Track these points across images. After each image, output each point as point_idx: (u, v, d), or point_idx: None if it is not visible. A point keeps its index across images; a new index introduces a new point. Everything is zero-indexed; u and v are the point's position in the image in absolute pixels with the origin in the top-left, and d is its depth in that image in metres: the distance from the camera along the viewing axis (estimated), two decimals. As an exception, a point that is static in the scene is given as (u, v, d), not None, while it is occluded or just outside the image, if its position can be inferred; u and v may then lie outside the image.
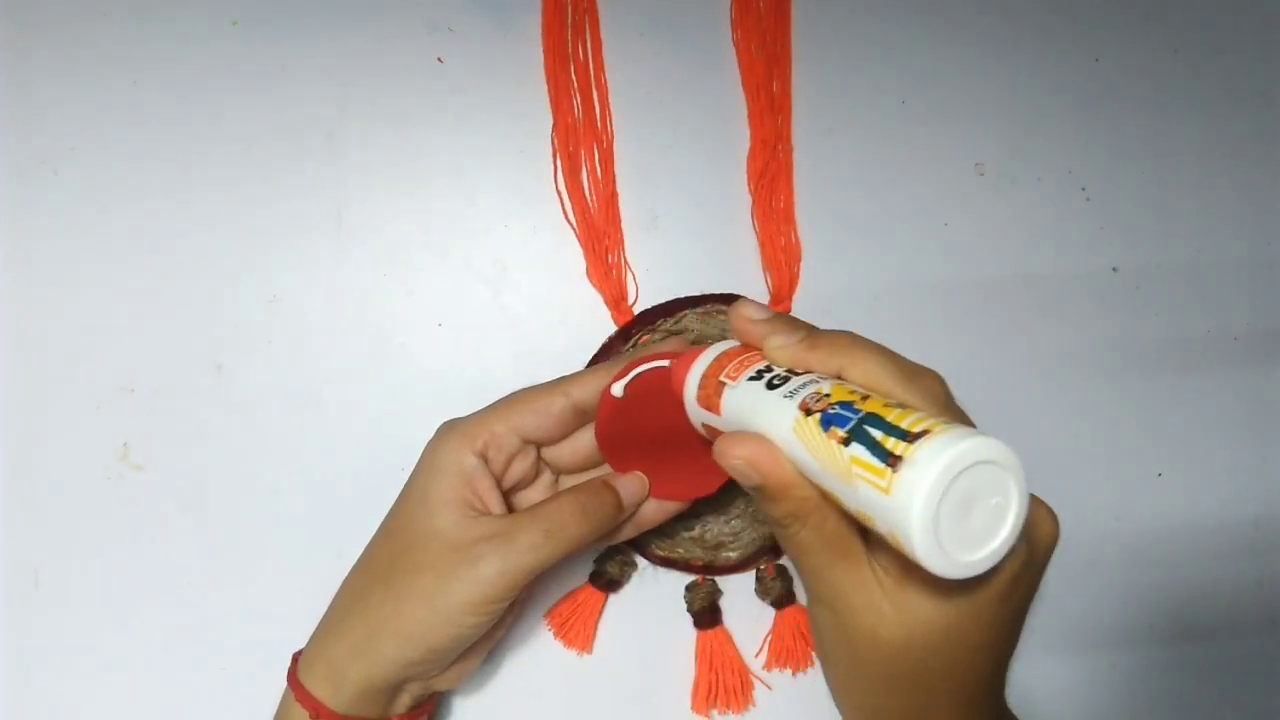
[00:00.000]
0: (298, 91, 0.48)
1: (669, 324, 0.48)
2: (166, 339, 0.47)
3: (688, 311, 0.48)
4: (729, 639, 0.48)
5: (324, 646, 0.39)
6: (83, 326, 0.47)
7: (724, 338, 0.48)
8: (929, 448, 0.26)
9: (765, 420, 0.31)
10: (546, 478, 0.42)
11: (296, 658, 0.40)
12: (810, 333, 0.33)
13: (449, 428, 0.40)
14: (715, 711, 0.48)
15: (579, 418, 0.40)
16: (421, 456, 0.39)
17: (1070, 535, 0.51)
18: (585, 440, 0.41)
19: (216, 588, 0.46)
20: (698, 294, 0.49)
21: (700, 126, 0.49)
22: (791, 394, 0.31)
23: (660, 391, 0.39)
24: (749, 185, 0.49)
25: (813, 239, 0.49)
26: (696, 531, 0.48)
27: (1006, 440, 0.27)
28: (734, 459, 0.31)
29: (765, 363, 0.34)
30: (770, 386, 0.32)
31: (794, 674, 0.48)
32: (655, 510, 0.42)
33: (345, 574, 0.41)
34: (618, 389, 0.39)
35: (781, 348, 0.33)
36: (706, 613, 0.48)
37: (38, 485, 0.46)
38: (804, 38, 0.50)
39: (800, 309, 0.49)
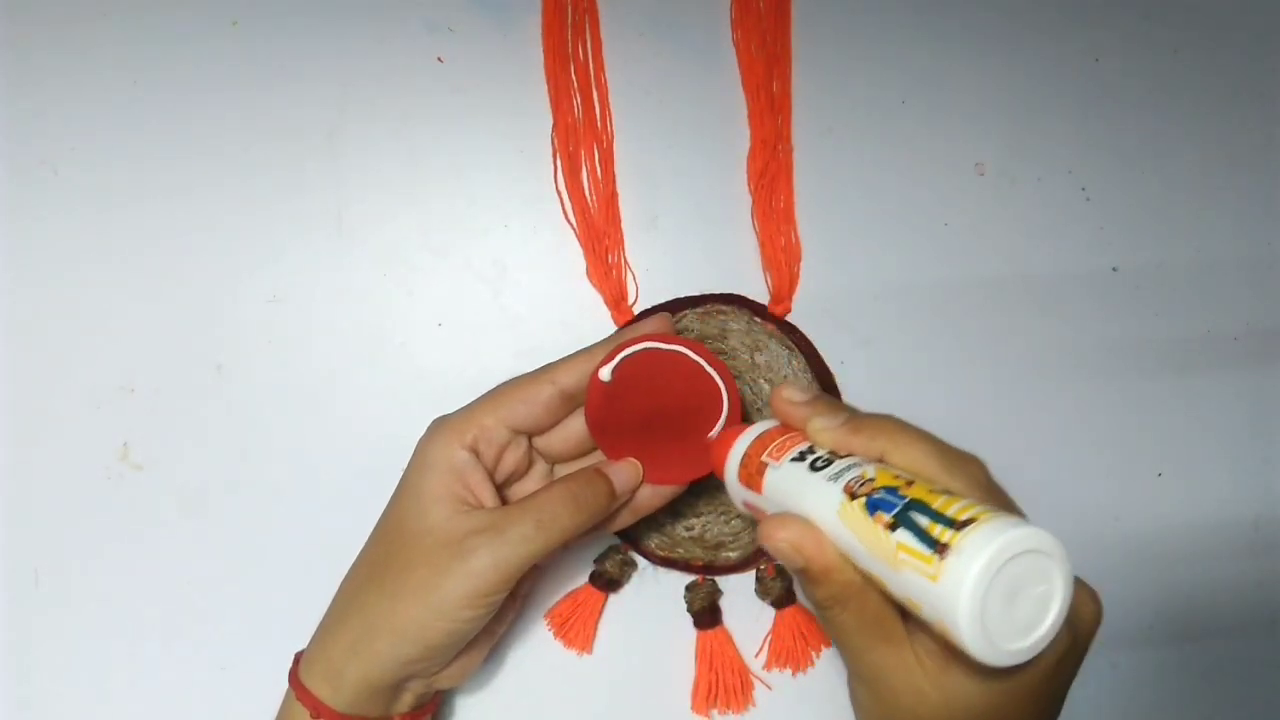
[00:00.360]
0: (298, 91, 0.48)
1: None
2: (166, 339, 0.47)
3: (688, 311, 0.48)
4: (729, 639, 0.48)
5: (323, 646, 0.39)
6: (83, 326, 0.47)
7: (723, 337, 0.48)
8: (976, 536, 0.26)
9: (809, 502, 0.32)
10: (540, 468, 0.42)
11: (298, 657, 0.40)
12: (852, 415, 0.34)
13: (439, 424, 0.40)
14: (715, 711, 0.48)
15: (567, 404, 0.40)
16: (413, 454, 0.40)
17: (1070, 535, 0.51)
18: (576, 427, 0.41)
19: (216, 587, 0.46)
20: (698, 294, 0.49)
21: (700, 126, 0.49)
22: (835, 477, 0.31)
23: (648, 373, 0.39)
24: (749, 185, 0.49)
25: (813, 239, 0.49)
26: (696, 531, 0.48)
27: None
28: (779, 542, 0.31)
29: (807, 444, 0.34)
30: (814, 468, 0.33)
31: (794, 674, 0.48)
32: (651, 495, 0.42)
33: (345, 573, 0.41)
34: (605, 373, 0.39)
35: (824, 430, 0.34)
36: (706, 613, 0.48)
37: (38, 485, 0.46)
38: (804, 38, 0.50)
39: (800, 309, 0.49)
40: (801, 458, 0.34)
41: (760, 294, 0.49)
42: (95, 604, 0.46)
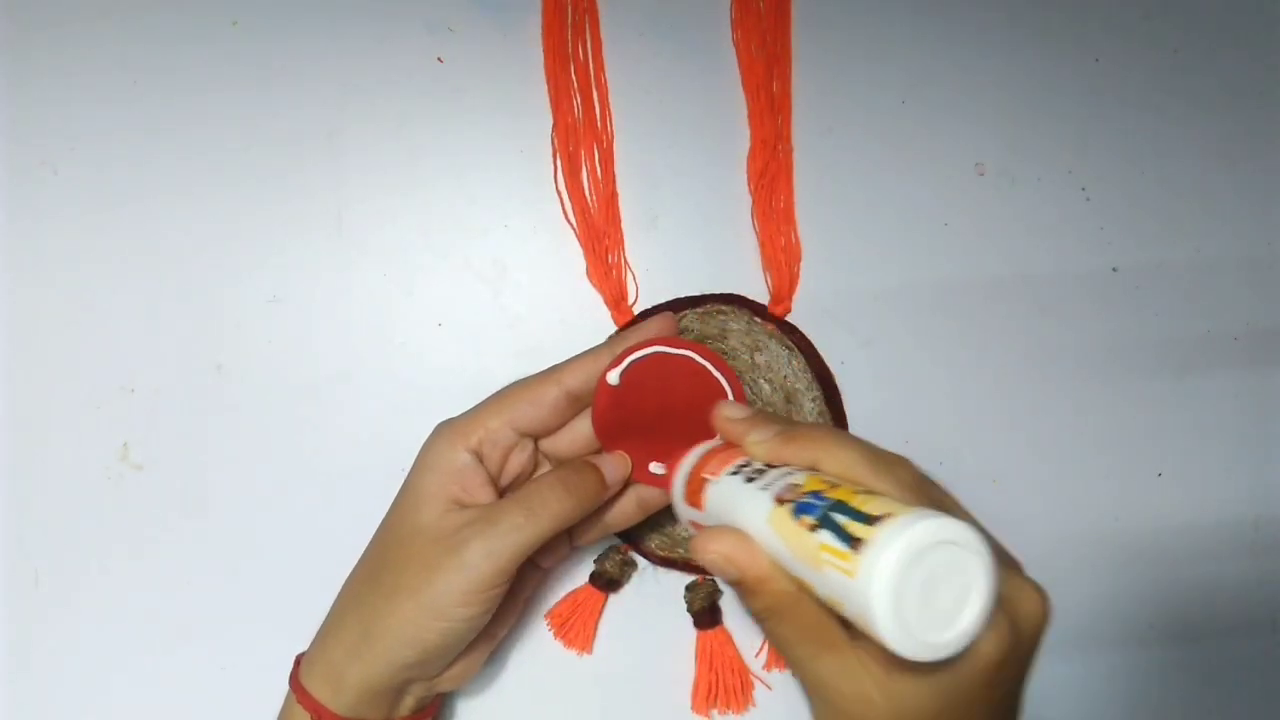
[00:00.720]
0: (298, 91, 0.48)
1: (669, 324, 0.48)
2: (166, 339, 0.47)
3: (688, 311, 0.48)
4: (729, 639, 0.48)
5: (323, 649, 0.39)
6: (83, 326, 0.47)
7: (723, 337, 0.48)
8: (889, 530, 0.27)
9: (743, 513, 0.32)
10: (545, 470, 0.42)
11: (299, 659, 0.40)
12: (786, 427, 0.34)
13: (443, 426, 0.40)
14: (715, 711, 0.48)
15: (574, 405, 0.40)
16: (416, 456, 0.40)
17: (1070, 535, 0.51)
18: (582, 429, 0.41)
19: (216, 588, 0.46)
20: (698, 294, 0.49)
21: (700, 126, 0.49)
22: (767, 486, 0.32)
23: (655, 376, 0.39)
24: (749, 185, 0.49)
25: (813, 239, 0.49)
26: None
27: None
28: (711, 554, 0.32)
29: (745, 459, 0.35)
30: (748, 480, 0.33)
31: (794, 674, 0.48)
32: (660, 495, 0.42)
33: (345, 574, 0.41)
34: (613, 377, 0.39)
35: (759, 443, 0.34)
36: (706, 613, 0.48)
37: (38, 485, 0.46)
38: (804, 38, 0.50)
39: (800, 309, 0.49)
40: (738, 471, 0.34)
41: (760, 294, 0.49)
42: (95, 604, 0.46)
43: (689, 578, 0.48)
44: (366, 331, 0.48)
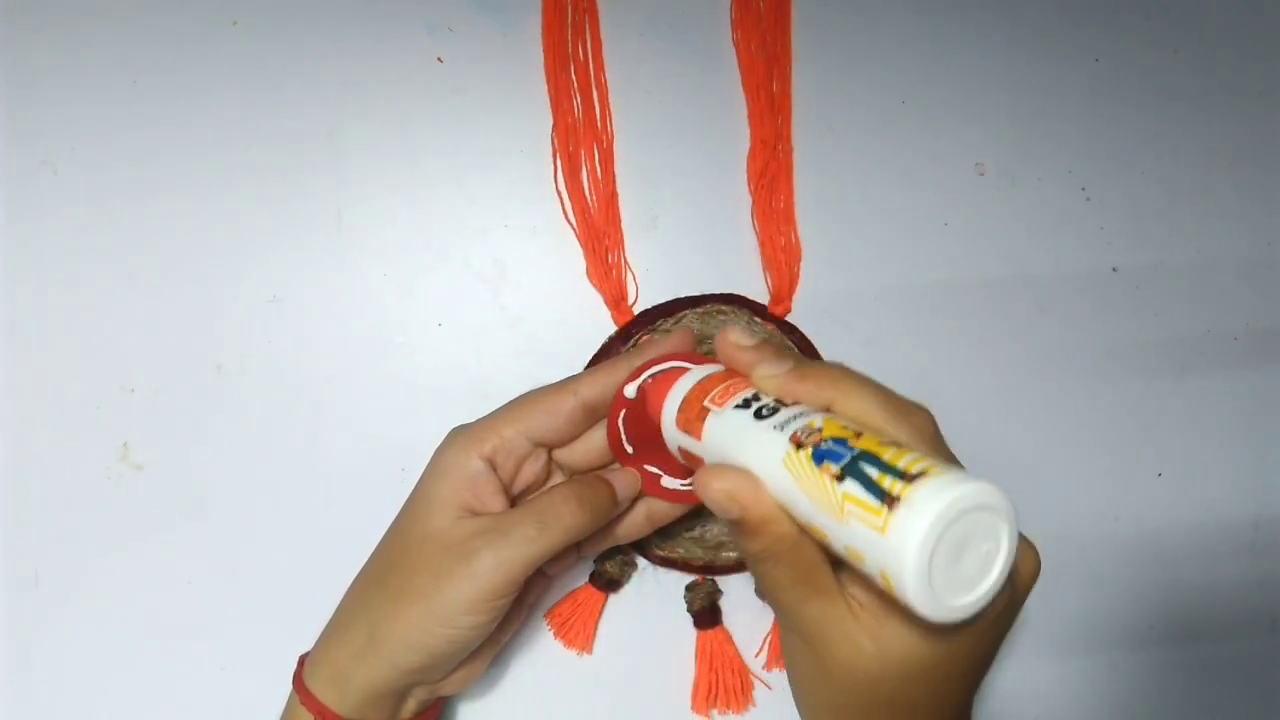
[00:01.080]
0: (298, 91, 0.48)
1: (669, 324, 0.48)
2: (166, 339, 0.47)
3: (688, 311, 0.48)
4: (729, 639, 0.48)
5: (328, 651, 0.39)
6: (83, 326, 0.47)
7: (724, 338, 0.48)
8: (927, 489, 0.26)
9: (751, 451, 0.31)
10: (558, 480, 0.42)
11: (303, 660, 0.40)
12: (799, 363, 0.33)
13: (457, 432, 0.40)
14: (715, 711, 0.48)
15: (589, 417, 0.40)
16: (429, 462, 0.40)
17: (1070, 535, 0.51)
18: (596, 440, 0.41)
19: (216, 588, 0.46)
20: (698, 294, 0.49)
21: (700, 126, 0.49)
22: (781, 426, 0.31)
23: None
24: (749, 185, 0.49)
25: (813, 239, 0.49)
26: (696, 532, 0.48)
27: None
28: (715, 491, 0.31)
29: (752, 391, 0.33)
30: (759, 416, 0.32)
31: (794, 674, 0.48)
32: (668, 507, 0.42)
33: (345, 574, 0.41)
34: (631, 390, 0.39)
35: (770, 377, 0.33)
36: (706, 613, 0.48)
37: (38, 485, 0.46)
38: (804, 38, 0.50)
39: (800, 309, 0.49)
40: (746, 405, 0.32)
41: (760, 294, 0.49)
42: (95, 604, 0.46)
43: (689, 578, 0.48)
44: (366, 331, 0.48)
